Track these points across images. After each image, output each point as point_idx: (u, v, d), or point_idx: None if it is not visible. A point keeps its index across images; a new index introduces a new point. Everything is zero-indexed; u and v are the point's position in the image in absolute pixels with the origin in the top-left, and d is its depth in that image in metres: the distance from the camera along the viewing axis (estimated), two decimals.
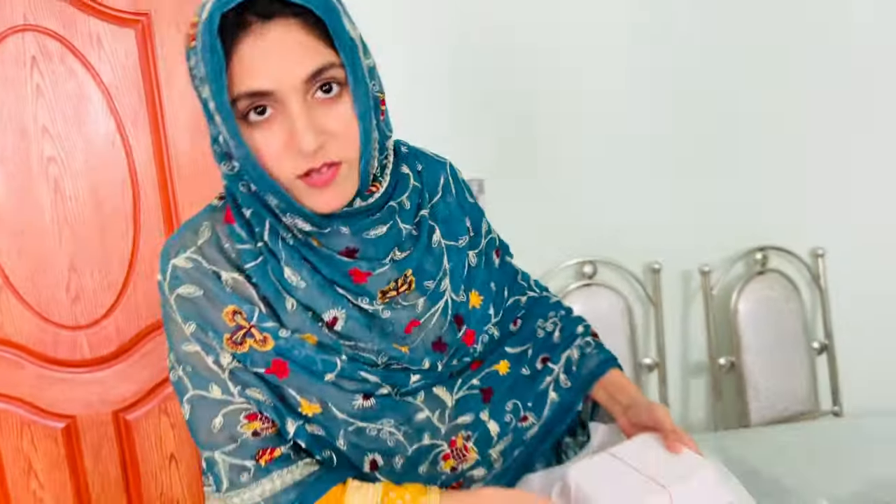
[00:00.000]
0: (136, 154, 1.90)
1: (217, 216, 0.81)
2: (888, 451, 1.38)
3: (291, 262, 0.77)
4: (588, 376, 0.94)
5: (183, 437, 2.11)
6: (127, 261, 1.96)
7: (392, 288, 0.81)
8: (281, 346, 0.77)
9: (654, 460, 0.78)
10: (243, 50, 0.67)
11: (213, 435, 0.77)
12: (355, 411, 0.79)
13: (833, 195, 2.10)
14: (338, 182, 0.73)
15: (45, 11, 1.79)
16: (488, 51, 1.90)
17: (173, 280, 0.78)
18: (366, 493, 0.77)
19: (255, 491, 0.76)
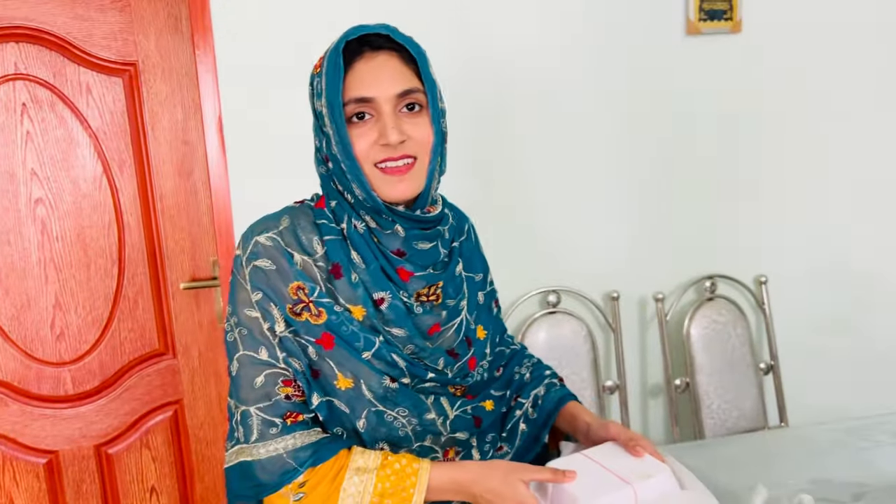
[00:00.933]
0: (121, 196, 1.99)
1: (296, 212, 0.98)
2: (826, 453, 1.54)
3: (359, 247, 0.94)
4: (550, 407, 1.10)
5: (164, 470, 2.16)
6: (111, 298, 2.03)
7: (425, 293, 0.97)
8: (332, 321, 0.92)
9: (621, 461, 0.91)
10: (357, 68, 0.91)
11: (253, 391, 0.90)
12: (380, 392, 0.92)
13: (774, 228, 2.28)
14: (409, 176, 0.93)
15: (36, 61, 1.88)
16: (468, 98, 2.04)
17: (252, 254, 0.93)
18: (368, 455, 0.91)
19: (280, 444, 0.89)
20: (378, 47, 0.92)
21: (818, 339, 2.34)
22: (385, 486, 0.88)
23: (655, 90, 2.13)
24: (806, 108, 2.23)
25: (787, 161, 2.25)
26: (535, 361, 1.19)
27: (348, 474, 0.88)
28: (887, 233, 2.34)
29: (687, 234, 2.22)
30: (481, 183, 2.09)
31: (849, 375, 2.30)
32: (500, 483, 0.88)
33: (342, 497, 0.88)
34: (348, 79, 0.90)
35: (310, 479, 0.88)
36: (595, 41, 2.08)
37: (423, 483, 0.89)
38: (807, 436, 1.74)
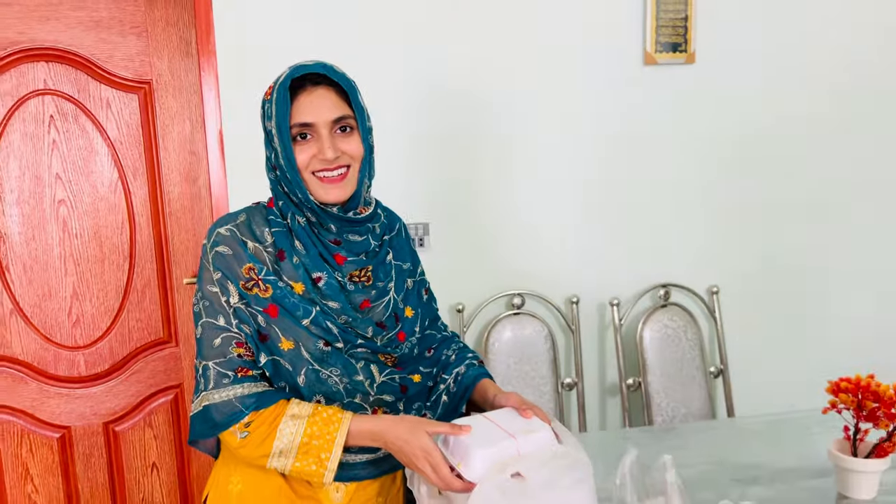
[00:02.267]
0: (134, 199, 2.23)
1: (252, 210, 1.20)
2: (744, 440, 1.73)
3: (301, 237, 1.16)
4: (468, 383, 1.29)
5: (164, 448, 2.39)
6: (122, 290, 2.27)
7: (357, 275, 1.19)
8: (277, 294, 1.13)
9: (512, 422, 1.11)
10: (300, 99, 1.12)
11: (212, 349, 1.12)
12: (316, 352, 1.14)
13: (726, 241, 2.46)
14: (343, 184, 1.14)
15: (63, 78, 2.13)
16: (436, 113, 2.26)
17: (214, 242, 1.16)
18: (303, 405, 1.12)
19: (230, 392, 1.10)
20: (316, 83, 1.13)
21: (766, 346, 2.52)
22: (314, 430, 1.10)
23: (616, 113, 2.33)
24: (757, 130, 2.42)
25: (736, 179, 2.44)
26: (461, 346, 1.38)
27: (284, 419, 1.10)
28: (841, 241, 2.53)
29: (643, 245, 2.41)
30: (453, 194, 2.30)
31: (794, 379, 2.46)
32: (407, 432, 1.07)
33: (278, 436, 1.09)
34: (293, 107, 1.12)
35: (253, 421, 1.09)
36: (561, 67, 2.29)
37: (345, 429, 1.10)
38: (732, 426, 1.93)
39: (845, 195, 2.52)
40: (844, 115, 2.48)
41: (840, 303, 2.55)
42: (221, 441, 1.19)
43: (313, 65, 1.14)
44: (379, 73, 2.17)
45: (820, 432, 1.73)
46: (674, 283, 2.42)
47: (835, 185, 2.50)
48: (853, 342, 2.53)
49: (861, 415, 1.41)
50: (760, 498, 1.44)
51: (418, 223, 2.24)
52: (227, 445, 1.15)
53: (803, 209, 2.49)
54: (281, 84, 1.12)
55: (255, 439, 1.09)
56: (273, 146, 1.14)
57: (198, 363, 1.14)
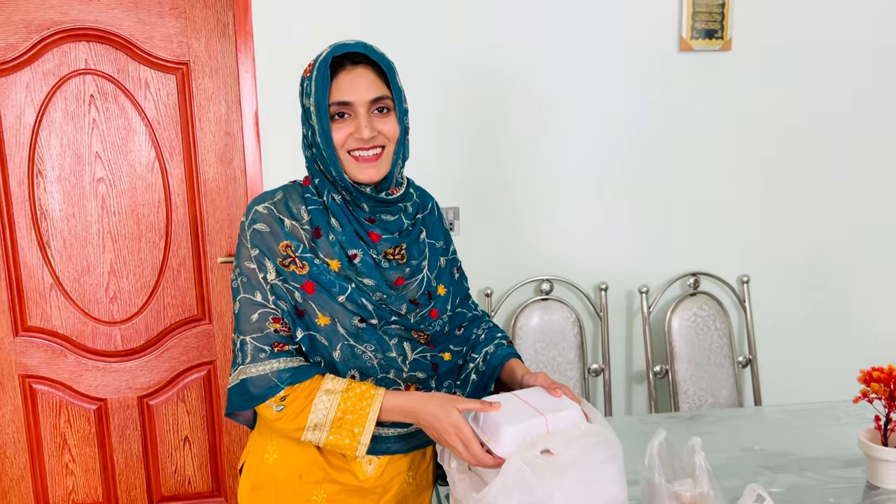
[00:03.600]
0: (171, 178, 2.27)
1: (289, 188, 1.22)
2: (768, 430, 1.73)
3: (337, 215, 1.18)
4: (496, 363, 1.30)
5: (196, 422, 2.44)
6: (158, 267, 2.32)
7: (391, 252, 1.20)
8: (313, 271, 1.15)
9: (541, 400, 1.13)
10: (340, 77, 1.13)
11: (250, 325, 1.14)
12: (351, 329, 1.16)
13: (757, 231, 2.44)
14: (378, 163, 1.16)
15: (104, 58, 2.18)
16: (467, 97, 2.27)
17: (252, 220, 1.17)
18: (337, 381, 1.15)
19: (267, 366, 1.13)
20: (356, 62, 1.14)
21: (797, 337, 2.50)
22: (347, 405, 1.12)
23: (649, 100, 2.32)
24: (794, 120, 2.40)
25: (771, 169, 2.42)
26: (491, 325, 1.39)
27: (319, 394, 1.12)
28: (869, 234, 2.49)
29: (673, 233, 2.40)
30: (483, 179, 2.31)
31: (824, 371, 2.45)
32: (438, 408, 1.09)
33: (313, 410, 1.12)
34: (332, 86, 1.13)
35: (289, 395, 1.12)
36: (594, 51, 2.28)
37: (378, 405, 1.13)
38: (759, 415, 1.93)
39: (882, 192, 2.48)
40: (889, 109, 2.43)
41: (869, 296, 2.52)
42: (258, 413, 1.22)
43: (354, 44, 1.15)
44: (412, 55, 2.18)
45: (849, 422, 1.72)
46: (704, 271, 2.41)
47: (872, 181, 2.47)
48: (882, 335, 2.50)
49: (893, 405, 1.41)
50: (789, 485, 1.44)
51: (448, 207, 2.26)
52: (264, 418, 1.18)
53: (838, 203, 2.46)
54: (322, 61, 1.14)
55: (291, 413, 1.12)
56: (310, 123, 1.16)
57: (235, 337, 1.17)
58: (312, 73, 1.15)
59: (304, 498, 1.21)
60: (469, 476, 1.13)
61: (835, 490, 1.43)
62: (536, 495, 0.97)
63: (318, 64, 1.14)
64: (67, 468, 2.39)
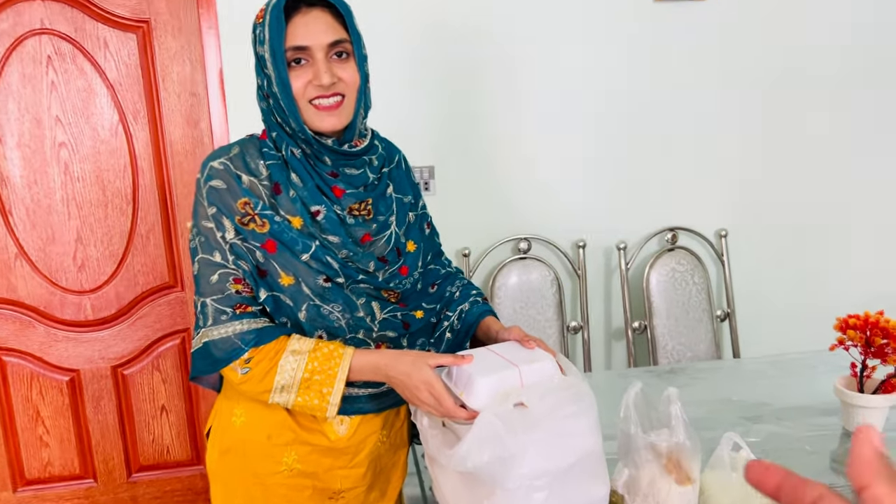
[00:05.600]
0: (136, 142, 2.20)
1: (246, 142, 1.15)
2: (747, 380, 1.73)
3: (297, 169, 1.12)
4: (471, 320, 1.27)
5: (173, 391, 2.41)
6: (126, 234, 2.26)
7: (357, 208, 1.15)
8: (274, 229, 1.09)
9: (515, 353, 1.11)
10: (295, 21, 1.07)
11: (210, 286, 1.09)
12: (317, 288, 1.12)
13: (734, 184, 2.43)
14: (339, 112, 1.10)
15: (60, 17, 2.09)
16: (439, 53, 2.21)
17: (208, 176, 1.11)
18: (304, 341, 1.11)
19: (229, 328, 1.09)
20: (311, 4, 1.08)
21: (772, 290, 2.50)
22: (314, 365, 1.09)
23: (624, 52, 2.27)
24: (769, 71, 2.36)
25: (746, 121, 2.39)
26: (466, 283, 1.35)
27: (285, 355, 1.09)
28: (843, 189, 2.48)
29: (651, 189, 2.37)
30: (459, 136, 2.26)
31: (801, 324, 2.46)
32: (409, 366, 1.06)
33: (279, 371, 1.08)
34: (287, 30, 1.06)
35: (254, 357, 1.09)
36: (570, 4, 2.23)
37: (346, 364, 1.10)
38: (737, 366, 1.93)
39: (859, 145, 2.46)
40: (868, 62, 2.40)
41: (846, 248, 2.52)
42: (223, 376, 1.19)
43: None
44: (385, 5, 2.11)
45: (826, 371, 1.73)
46: (681, 226, 2.39)
47: (849, 134, 2.45)
48: (858, 287, 2.51)
49: (869, 351, 1.40)
50: (766, 434, 1.44)
51: (423, 166, 2.21)
52: (229, 381, 1.15)
53: (815, 156, 2.45)
54: (274, 5, 1.07)
55: (257, 375, 1.09)
56: (265, 72, 1.09)
57: (196, 299, 1.13)
58: (265, 17, 1.08)
59: (275, 460, 1.18)
60: (442, 432, 1.11)
61: (811, 438, 1.43)
62: (509, 449, 0.95)
63: (270, 8, 1.08)
64: (42, 440, 2.35)
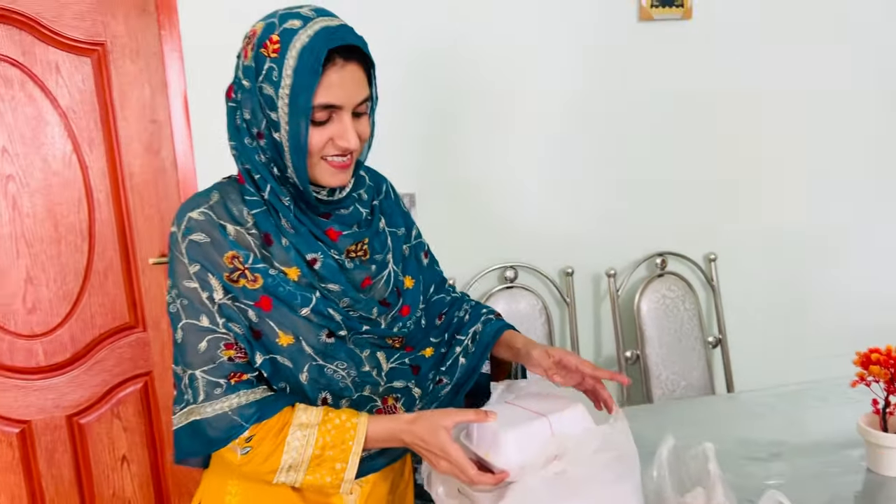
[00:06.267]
0: (91, 173, 2.04)
1: (225, 187, 1.02)
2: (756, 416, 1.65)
3: (286, 215, 1.00)
4: (487, 339, 1.18)
5: (135, 439, 2.23)
6: (82, 272, 2.09)
7: (354, 249, 1.04)
8: (268, 283, 0.97)
9: (539, 402, 1.00)
10: (330, 75, 0.94)
11: (198, 356, 0.96)
12: (319, 346, 0.99)
13: (722, 208, 2.37)
14: (350, 168, 1.01)
15: (6, 40, 1.92)
16: (420, 78, 2.11)
17: (187, 229, 0.98)
18: (310, 412, 0.98)
19: (225, 403, 0.95)
20: (348, 57, 0.95)
21: (764, 314, 2.44)
22: (326, 440, 0.96)
23: (609, 72, 2.21)
24: (755, 91, 2.32)
25: (734, 142, 2.34)
26: (473, 304, 1.27)
27: (292, 430, 0.96)
28: (836, 210, 2.45)
29: (640, 213, 2.31)
30: (441, 162, 2.16)
31: (794, 349, 2.42)
32: (426, 432, 0.95)
33: (286, 450, 0.95)
34: (319, 85, 0.93)
35: (256, 434, 0.95)
36: (551, 23, 2.15)
37: (362, 435, 0.97)
38: (743, 400, 1.85)
39: (845, 167, 2.44)
40: (847, 78, 2.38)
41: (838, 270, 2.48)
42: (219, 456, 1.04)
43: (345, 32, 0.96)
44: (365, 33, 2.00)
45: (838, 403, 1.65)
46: (670, 251, 2.32)
47: (833, 156, 2.42)
48: (849, 309, 2.47)
49: (894, 388, 1.33)
50: (789, 476, 1.35)
51: (404, 193, 2.08)
52: (226, 463, 1.00)
53: (800, 178, 2.41)
54: (308, 48, 0.93)
55: (260, 455, 0.96)
56: (267, 114, 0.96)
57: (180, 371, 0.98)
58: (287, 56, 0.93)
59: None
60: (460, 499, 0.99)
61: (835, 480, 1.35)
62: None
63: (300, 49, 0.93)
64: None
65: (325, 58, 0.92)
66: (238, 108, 0.99)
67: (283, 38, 0.93)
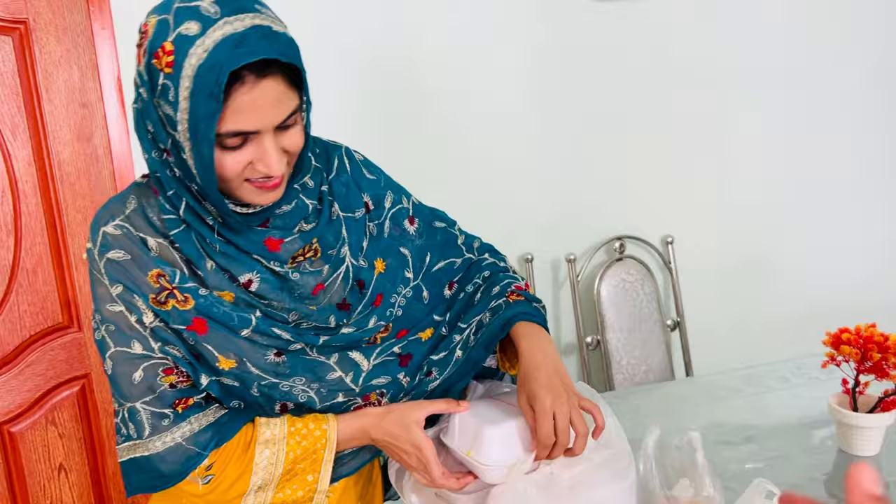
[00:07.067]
0: (15, 162, 1.88)
1: (143, 190, 0.88)
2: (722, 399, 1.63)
3: (208, 236, 0.86)
4: (492, 334, 0.98)
5: (72, 446, 2.09)
6: (8, 270, 1.93)
7: (300, 254, 0.90)
8: (201, 304, 0.85)
9: None
10: (238, 98, 0.76)
11: (133, 386, 0.85)
12: (267, 366, 0.88)
13: (679, 190, 2.36)
14: (281, 184, 0.85)
15: None
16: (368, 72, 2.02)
17: (103, 246, 0.85)
18: (274, 425, 0.89)
19: (176, 433, 0.85)
20: (263, 72, 0.76)
21: (723, 297, 2.45)
22: (297, 452, 0.88)
23: (564, 53, 2.16)
24: (710, 70, 2.30)
25: (692, 123, 2.32)
26: (489, 275, 1.07)
27: (258, 449, 0.87)
28: (791, 192, 2.46)
29: (597, 197, 2.27)
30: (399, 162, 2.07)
31: (751, 329, 2.43)
32: (396, 426, 0.88)
33: (255, 471, 0.86)
34: (226, 109, 0.76)
35: (216, 461, 0.86)
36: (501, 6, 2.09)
37: (333, 441, 0.89)
38: (706, 384, 1.83)
39: (801, 144, 2.44)
40: (803, 56, 2.38)
41: (794, 250, 2.50)
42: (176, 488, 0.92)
43: (255, 41, 0.75)
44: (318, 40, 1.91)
45: (802, 384, 1.65)
46: (628, 234, 2.29)
47: (791, 130, 2.42)
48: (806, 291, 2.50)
49: (864, 367, 1.32)
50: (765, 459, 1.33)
51: None
52: (185, 495, 0.91)
53: (757, 154, 2.41)
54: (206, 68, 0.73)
55: (226, 481, 0.87)
56: (170, 132, 0.80)
57: (118, 407, 0.87)
58: (182, 77, 0.75)
59: None
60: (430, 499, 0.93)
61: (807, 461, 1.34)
62: None
63: (199, 70, 0.74)
64: None
65: (233, 74, 0.74)
66: (142, 113, 0.83)
67: (178, 48, 0.75)
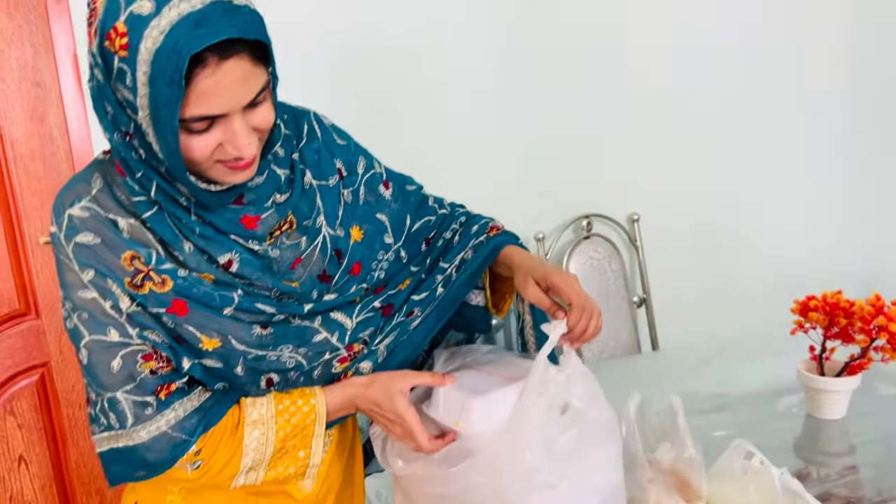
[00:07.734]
0: None
1: (108, 168, 0.83)
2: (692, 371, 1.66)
3: (183, 217, 0.83)
4: (476, 264, 0.99)
5: (32, 437, 2.03)
6: None
7: (277, 228, 0.88)
8: (180, 285, 0.82)
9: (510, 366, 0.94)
10: (201, 82, 0.72)
11: (112, 376, 0.81)
12: (253, 340, 0.86)
13: (644, 168, 2.38)
14: (253, 163, 0.82)
15: None
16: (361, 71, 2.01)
17: (70, 229, 0.81)
18: (261, 404, 0.87)
19: (161, 421, 0.82)
20: (224, 51, 0.72)
21: (688, 273, 2.49)
22: (287, 430, 0.86)
23: (527, 29, 2.15)
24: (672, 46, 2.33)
25: (654, 102, 2.35)
26: (464, 221, 1.08)
27: (247, 430, 0.85)
28: (752, 168, 2.50)
29: (565, 176, 2.28)
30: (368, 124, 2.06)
31: (716, 304, 2.47)
32: (381, 395, 0.88)
33: (245, 452, 0.85)
34: (189, 94, 0.72)
35: (205, 446, 0.84)
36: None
37: (322, 415, 0.88)
38: (676, 357, 1.86)
39: (765, 116, 2.48)
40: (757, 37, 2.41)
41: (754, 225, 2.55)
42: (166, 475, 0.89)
43: (215, 19, 0.70)
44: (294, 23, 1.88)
45: (769, 353, 1.69)
46: (595, 212, 2.31)
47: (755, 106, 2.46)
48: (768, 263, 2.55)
49: (830, 333, 1.36)
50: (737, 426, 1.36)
51: None
52: (177, 481, 0.89)
53: (720, 129, 2.45)
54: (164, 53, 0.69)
55: (216, 465, 0.85)
56: (131, 116, 0.75)
57: (95, 397, 0.84)
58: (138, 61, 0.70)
59: None
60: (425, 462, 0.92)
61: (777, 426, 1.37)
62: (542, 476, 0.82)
63: (157, 55, 0.69)
64: None
65: (194, 57, 0.70)
66: (100, 94, 0.77)
67: (131, 29, 0.69)
